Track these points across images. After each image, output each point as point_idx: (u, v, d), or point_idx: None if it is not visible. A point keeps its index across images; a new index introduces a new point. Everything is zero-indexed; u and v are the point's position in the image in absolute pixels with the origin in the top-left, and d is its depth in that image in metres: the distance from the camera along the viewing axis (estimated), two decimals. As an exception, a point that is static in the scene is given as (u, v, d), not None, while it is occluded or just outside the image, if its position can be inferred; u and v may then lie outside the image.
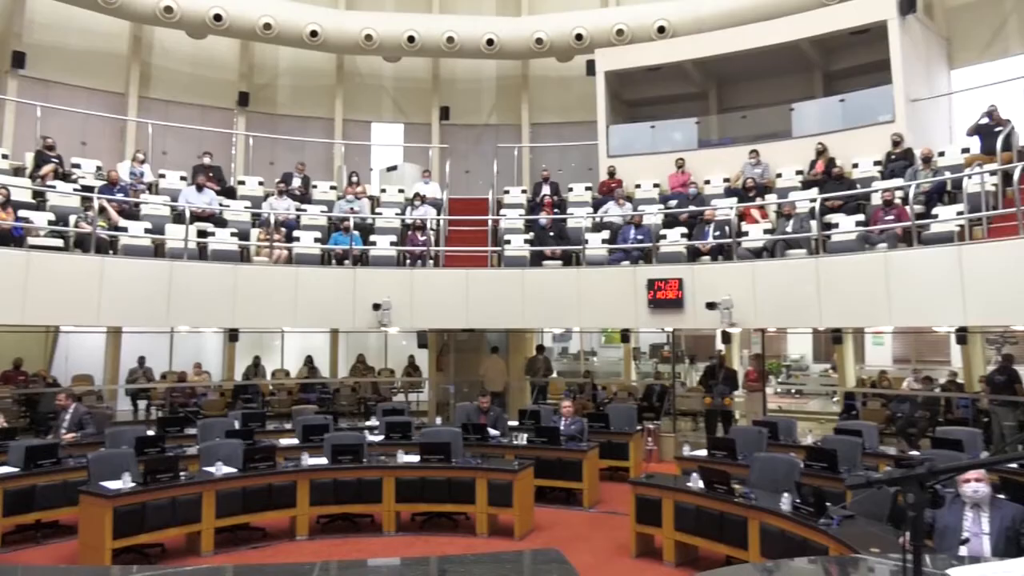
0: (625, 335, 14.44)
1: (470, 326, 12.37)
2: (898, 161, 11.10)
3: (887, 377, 13.53)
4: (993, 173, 9.42)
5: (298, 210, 12.50)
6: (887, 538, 4.85)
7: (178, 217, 11.16)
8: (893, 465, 6.98)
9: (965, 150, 10.96)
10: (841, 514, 5.32)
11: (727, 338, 13.63)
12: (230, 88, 15.41)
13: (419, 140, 16.06)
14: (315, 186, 13.72)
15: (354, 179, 13.49)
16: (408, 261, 11.96)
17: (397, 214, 13.00)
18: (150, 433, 8.93)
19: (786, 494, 5.81)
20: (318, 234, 11.88)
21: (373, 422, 10.66)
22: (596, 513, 8.68)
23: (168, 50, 14.98)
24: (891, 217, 9.81)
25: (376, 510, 7.91)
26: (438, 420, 11.08)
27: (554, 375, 15.26)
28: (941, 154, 11.02)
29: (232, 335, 12.80)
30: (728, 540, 6.24)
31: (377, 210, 13.44)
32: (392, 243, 12.03)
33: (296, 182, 13.39)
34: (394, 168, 15.34)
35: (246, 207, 12.17)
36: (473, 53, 15.01)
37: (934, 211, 9.83)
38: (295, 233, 11.76)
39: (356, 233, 11.78)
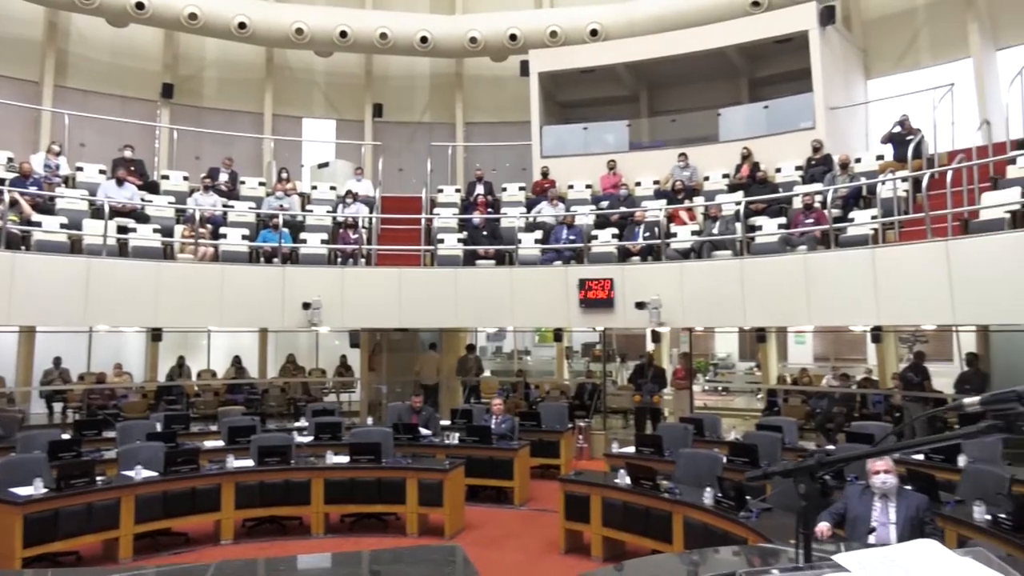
0: (558, 334, 14.59)
1: (403, 325, 12.30)
2: (818, 166, 11.55)
3: (807, 374, 14.04)
4: (904, 179, 9.90)
5: (225, 206, 12.18)
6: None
7: (97, 212, 10.73)
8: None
9: (879, 157, 11.47)
10: (760, 507, 5.52)
11: (656, 337, 13.93)
12: (153, 79, 14.90)
13: (351, 137, 15.85)
14: (243, 182, 13.40)
15: (284, 175, 13.23)
16: (339, 259, 11.80)
17: (328, 211, 12.81)
18: (65, 437, 8.57)
19: (708, 489, 5.98)
20: (246, 231, 11.61)
21: (302, 423, 10.50)
22: (527, 511, 8.75)
23: (87, 38, 14.38)
24: (811, 220, 10.20)
25: (304, 512, 7.79)
26: (369, 420, 10.98)
27: (487, 374, 15.31)
28: (858, 160, 11.51)
29: (155, 335, 12.38)
30: (654, 534, 6.39)
31: (308, 207, 13.21)
32: (323, 241, 11.85)
33: (223, 177, 13.04)
34: (326, 165, 15.11)
35: (170, 203, 11.79)
36: (407, 50, 14.91)
37: (850, 215, 10.26)
38: (222, 230, 11.46)
39: (286, 230, 11.56)
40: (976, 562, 1.12)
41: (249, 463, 7.69)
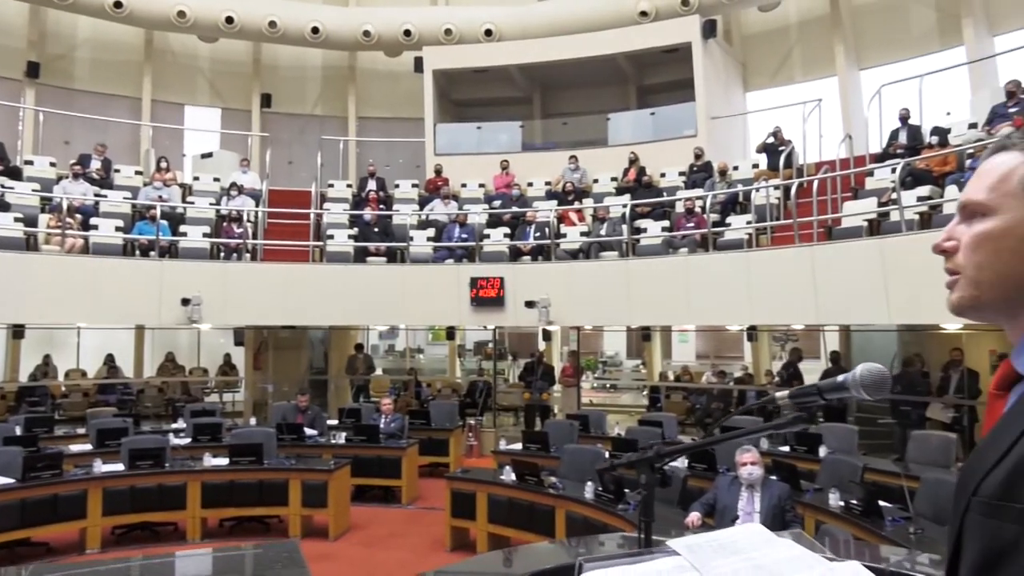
0: (451, 333, 14.60)
1: (290, 323, 12.00)
2: (699, 173, 12.09)
3: (689, 372, 14.66)
4: (776, 188, 10.52)
5: (96, 195, 11.48)
6: (677, 519, 5.29)
7: (-52, 198, 9.88)
8: (687, 455, 7.60)
9: (755, 165, 12.13)
10: (637, 499, 5.73)
11: (547, 336, 14.19)
12: (17, 56, 13.82)
13: (238, 127, 15.28)
14: (118, 170, 12.66)
15: (163, 164, 12.60)
16: (223, 254, 11.37)
17: (211, 204, 12.30)
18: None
19: (590, 483, 6.17)
20: (120, 222, 10.98)
21: (180, 424, 10.05)
22: (415, 510, 8.73)
23: (-61, 8, 13.21)
24: (692, 224, 10.66)
25: (180, 517, 7.47)
26: (253, 421, 10.64)
27: (378, 373, 15.14)
28: (735, 168, 12.11)
29: (16, 331, 11.51)
30: (537, 529, 6.52)
31: (189, 199, 12.64)
32: (205, 234, 11.37)
33: (95, 165, 12.28)
34: (209, 155, 14.48)
35: (34, 190, 11.00)
36: (297, 40, 14.51)
37: (728, 220, 10.80)
38: (92, 220, 10.80)
39: (164, 223, 11.01)
40: (792, 541, 1.23)
41: (119, 467, 7.30)
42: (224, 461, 7.60)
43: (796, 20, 13.84)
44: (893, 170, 8.58)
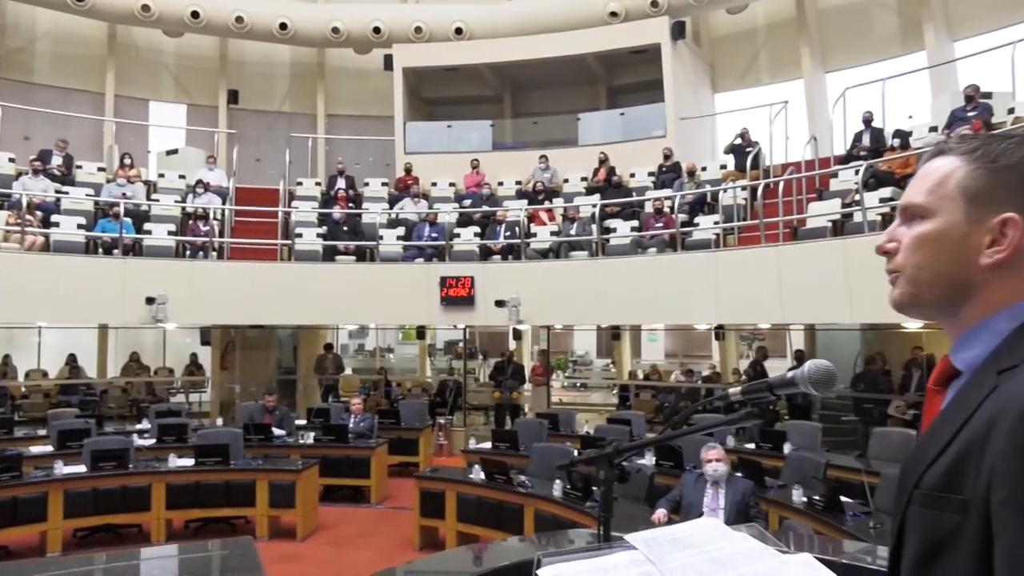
0: (421, 332, 14.56)
1: (258, 322, 11.87)
2: (668, 173, 12.19)
3: (658, 370, 14.80)
4: (744, 188, 10.65)
5: (57, 192, 11.25)
6: (644, 516, 5.33)
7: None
8: (655, 452, 7.68)
9: (723, 166, 12.26)
10: (605, 497, 5.78)
11: (518, 335, 14.21)
12: (-25, 50, 13.51)
13: (204, 123, 15.05)
14: (79, 166, 12.42)
15: (127, 161, 12.39)
16: (188, 252, 11.21)
17: (177, 201, 12.12)
18: None
19: (558, 481, 6.20)
20: (82, 220, 10.78)
21: (144, 425, 9.90)
22: (384, 509, 8.69)
23: None
24: (660, 224, 10.76)
25: (144, 519, 7.35)
26: (220, 421, 10.51)
27: (348, 372, 15.05)
28: (704, 169, 12.25)
29: (-27, 331, 11.26)
30: (507, 527, 6.53)
31: (154, 196, 12.44)
32: (170, 232, 11.20)
33: (56, 161, 12.03)
34: (175, 152, 14.25)
35: (-8, 186, 10.76)
36: (265, 36, 14.35)
37: (696, 220, 10.91)
38: (54, 218, 10.58)
39: (128, 220, 10.82)
40: (746, 535, 1.26)
41: (81, 469, 7.16)
42: (190, 462, 7.50)
43: (763, 23, 14.02)
44: (856, 172, 8.73)
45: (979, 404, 0.85)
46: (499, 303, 10.64)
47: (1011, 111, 9.21)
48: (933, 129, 10.01)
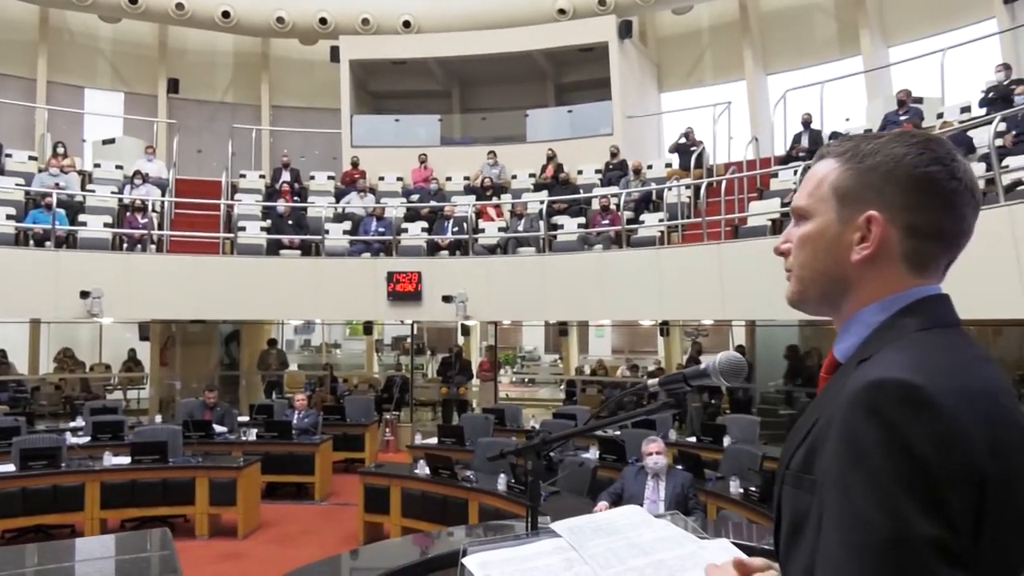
0: (368, 327, 14.44)
1: (199, 317, 11.62)
2: (614, 171, 12.34)
3: (604, 365, 14.97)
4: (688, 187, 10.86)
5: (-14, 182, 10.81)
6: (586, 509, 5.41)
7: None
8: (598, 446, 7.79)
9: (668, 165, 12.48)
10: (548, 490, 5.83)
11: (466, 330, 14.23)
12: None
13: (142, 112, 14.61)
14: (9, 155, 11.93)
15: (60, 150, 11.96)
16: (126, 245, 10.89)
17: (113, 192, 11.76)
18: None
19: (503, 475, 6.24)
20: (12, 210, 10.38)
21: (78, 423, 9.60)
22: (328, 506, 8.62)
23: None
24: (607, 221, 10.88)
25: (77, 519, 7.13)
26: (158, 418, 10.25)
27: (292, 368, 14.83)
28: (649, 167, 12.43)
29: None
30: (451, 521, 6.52)
31: (89, 187, 12.04)
32: (106, 224, 10.87)
33: (-16, 149, 11.56)
34: (111, 141, 13.80)
35: (-86, 174, 10.28)
36: (206, 24, 13.99)
37: (641, 217, 11.08)
38: (-19, 208, 10.17)
39: (61, 211, 10.46)
40: (668, 522, 1.31)
41: (10, 468, 6.91)
42: (126, 460, 7.31)
43: (708, 24, 14.28)
44: (795, 172, 8.99)
45: (838, 392, 0.90)
46: (446, 298, 10.63)
47: (940, 116, 9.60)
48: (867, 131, 10.34)
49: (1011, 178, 6.77)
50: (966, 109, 9.31)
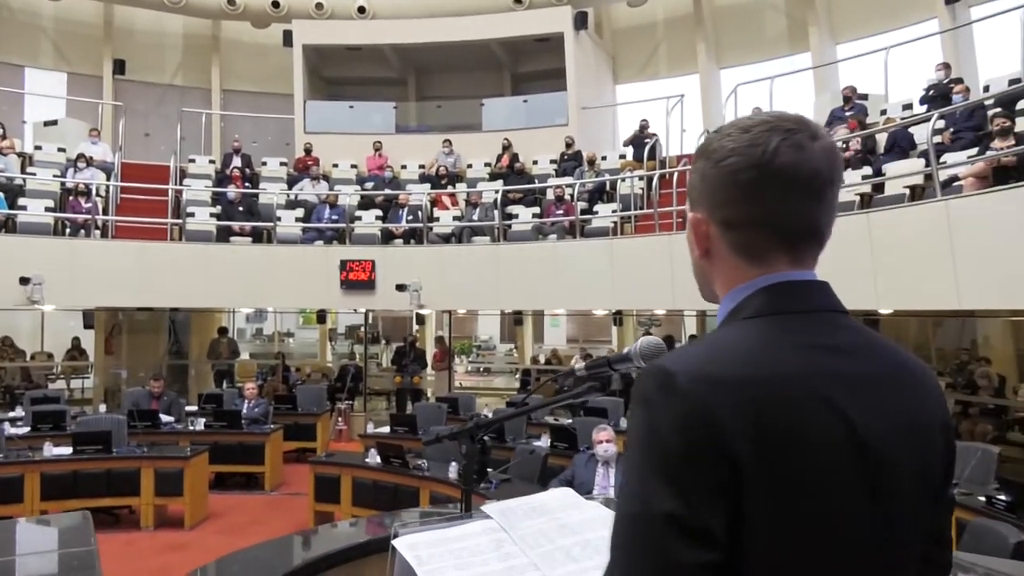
0: (321, 316, 14.29)
1: (146, 305, 11.37)
2: (569, 161, 12.41)
3: (558, 355, 15.10)
4: (641, 178, 10.98)
5: (-82, 163, 10.39)
6: (535, 496, 5.46)
7: None
8: (550, 434, 7.88)
9: (622, 156, 12.59)
10: (499, 478, 5.89)
11: (421, 320, 14.19)
12: None
13: (87, 94, 14.16)
14: (-55, 136, 11.49)
15: (-1, 132, 11.54)
16: (68, 230, 10.59)
17: (56, 176, 11.40)
18: None
19: (454, 463, 6.27)
20: (-53, 193, 10.00)
21: (18, 412, 9.33)
22: (278, 496, 8.54)
23: None
24: (561, 211, 10.96)
25: (16, 511, 6.91)
26: (103, 408, 10.03)
27: (244, 357, 14.62)
28: (604, 158, 12.53)
29: None
30: (404, 507, 6.55)
31: (29, 169, 11.65)
32: (48, 209, 10.55)
33: (-83, 129, 11.09)
34: (54, 123, 13.35)
35: None
36: (154, 4, 13.60)
37: (595, 208, 11.17)
38: (-87, 190, 9.78)
39: (0, 195, 10.12)
40: (598, 503, 1.35)
41: (-56, 460, 6.70)
42: (68, 451, 7.14)
43: (663, 17, 14.41)
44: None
45: None
46: (400, 287, 10.58)
47: (883, 112, 9.88)
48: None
49: (947, 174, 7.01)
50: (908, 106, 9.60)
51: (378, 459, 6.84)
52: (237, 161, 12.89)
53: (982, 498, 5.15)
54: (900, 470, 0.90)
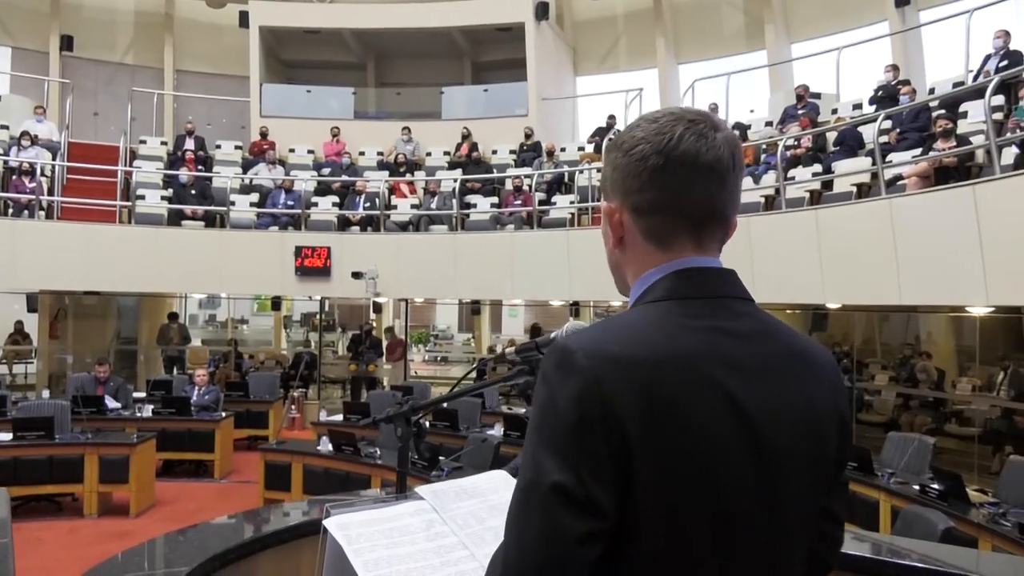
0: (276, 303, 14.12)
1: (93, 288, 11.09)
2: (528, 152, 12.42)
3: (516, 345, 15.12)
4: (599, 170, 11.04)
5: None
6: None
7: None
8: (503, 423, 7.93)
9: (581, 148, 12.64)
10: (451, 465, 5.91)
11: (378, 308, 14.10)
12: None
13: (32, 70, 13.67)
14: None
15: (-62, 107, 11.13)
16: (11, 211, 10.26)
17: (-1, 154, 11.04)
18: None
19: (406, 450, 6.27)
20: None
21: (-44, 398, 9.03)
22: (228, 484, 8.46)
23: None
24: (519, 202, 10.98)
25: (-48, 499, 6.75)
26: (46, 393, 9.77)
27: (196, 343, 14.36)
28: (563, 149, 12.56)
29: None
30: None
31: (-30, 147, 11.26)
32: (-11, 188, 10.22)
33: None
34: (-3, 99, 12.93)
35: None
36: (105, -20, 13.23)
37: (553, 199, 11.22)
38: None
39: (-62, 172, 9.78)
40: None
41: None
42: (7, 436, 6.96)
43: (623, 11, 14.48)
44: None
45: None
46: (356, 275, 10.49)
47: (835, 111, 10.10)
48: (769, 124, 10.80)
49: (892, 173, 7.21)
50: (858, 106, 9.82)
51: (330, 447, 6.82)
52: (190, 143, 12.62)
53: (916, 487, 5.34)
54: (789, 450, 0.94)
